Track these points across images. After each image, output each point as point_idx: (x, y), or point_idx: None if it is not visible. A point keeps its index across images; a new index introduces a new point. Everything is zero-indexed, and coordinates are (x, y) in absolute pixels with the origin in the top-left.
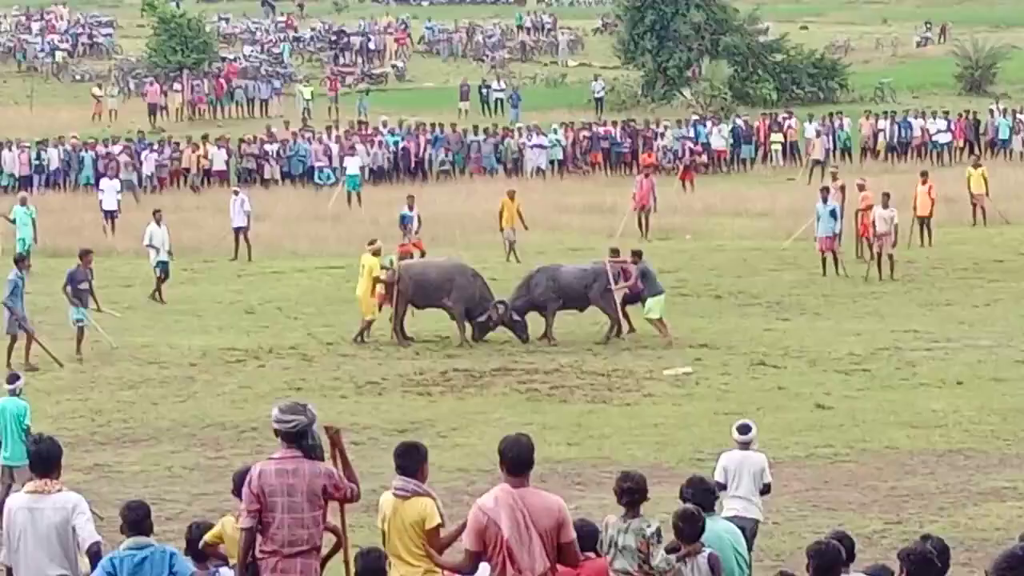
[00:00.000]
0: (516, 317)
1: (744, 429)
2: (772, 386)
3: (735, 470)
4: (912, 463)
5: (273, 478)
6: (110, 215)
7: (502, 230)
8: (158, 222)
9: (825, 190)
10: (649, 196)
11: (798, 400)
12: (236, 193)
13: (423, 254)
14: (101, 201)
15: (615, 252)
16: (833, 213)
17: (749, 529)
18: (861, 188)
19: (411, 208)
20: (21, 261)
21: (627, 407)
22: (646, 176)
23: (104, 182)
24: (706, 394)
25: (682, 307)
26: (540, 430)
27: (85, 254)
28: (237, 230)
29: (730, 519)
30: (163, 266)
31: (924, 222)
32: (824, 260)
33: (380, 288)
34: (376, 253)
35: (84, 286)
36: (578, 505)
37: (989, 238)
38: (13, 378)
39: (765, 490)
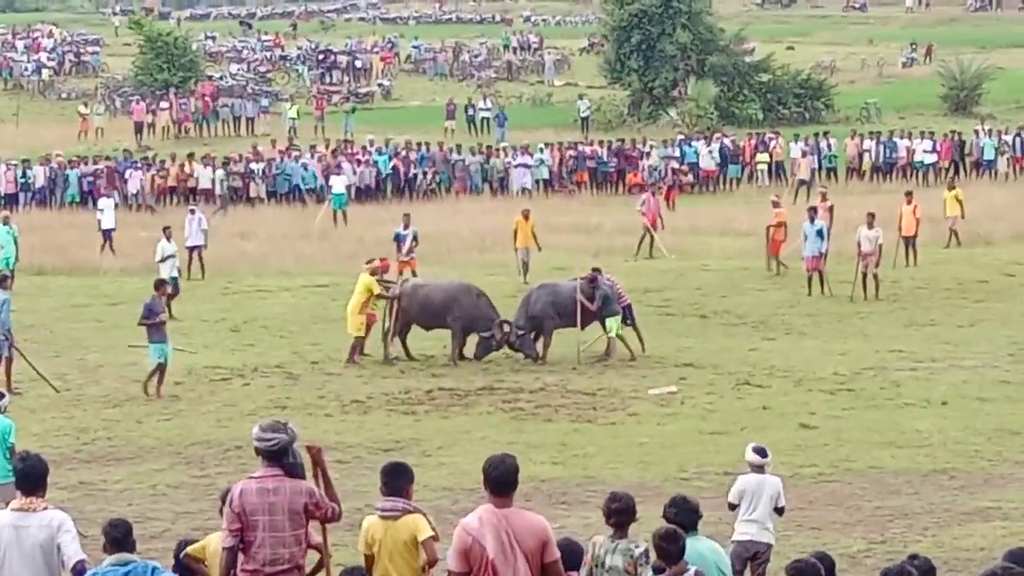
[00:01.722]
0: (520, 333)
1: (762, 452)
2: (757, 405)
3: (754, 493)
4: (896, 483)
5: (254, 497)
6: (108, 233)
7: (516, 250)
8: (168, 238)
9: (812, 210)
10: (657, 214)
11: (783, 420)
12: (192, 212)
13: (414, 274)
14: (100, 220)
15: (597, 271)
16: (820, 233)
17: (763, 553)
18: (775, 205)
19: (406, 227)
20: (4, 280)
21: (612, 426)
22: (652, 194)
23: (103, 201)
24: (691, 413)
25: (667, 326)
26: (525, 449)
27: (161, 284)
28: (191, 249)
29: (744, 543)
30: (173, 281)
31: (909, 242)
32: (810, 280)
33: (374, 305)
34: (374, 272)
35: (163, 318)
36: (562, 524)
37: (973, 258)
38: None
39: (779, 512)
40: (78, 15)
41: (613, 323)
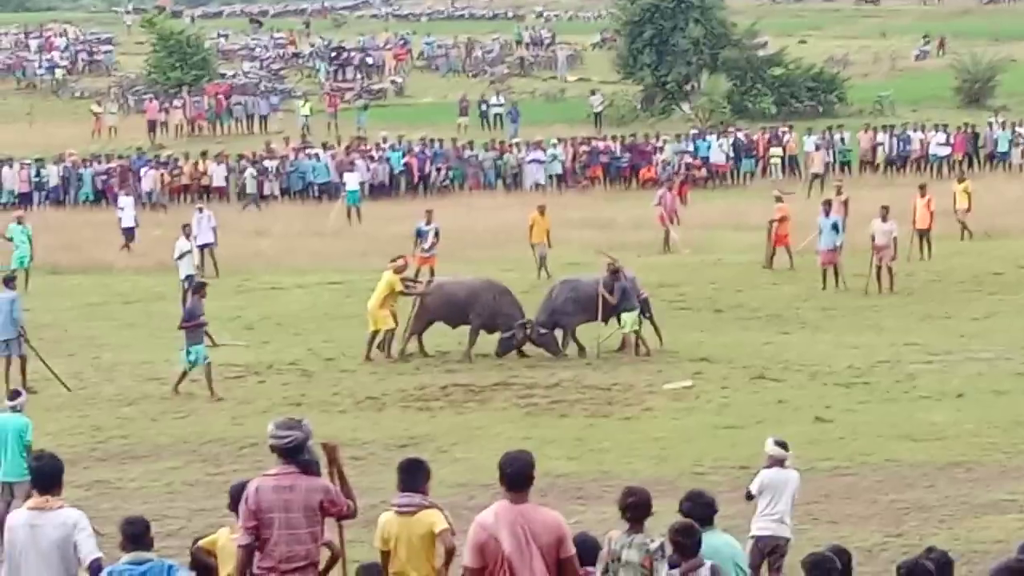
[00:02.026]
0: (543, 331)
1: (784, 446)
2: (772, 399)
3: (778, 488)
4: (912, 476)
5: (270, 494)
6: (129, 232)
7: (533, 246)
8: (187, 236)
9: (827, 203)
10: (674, 209)
11: (798, 413)
12: (200, 210)
13: (432, 271)
14: (120, 219)
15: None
16: (835, 226)
17: (781, 547)
18: (778, 200)
19: (428, 222)
20: (10, 281)
21: (627, 421)
22: (669, 189)
23: (122, 199)
24: (706, 408)
25: (682, 321)
26: (540, 444)
27: (201, 287)
28: (202, 247)
29: (765, 538)
30: (189, 279)
31: (924, 235)
32: (825, 273)
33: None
34: (399, 270)
35: (203, 320)
36: (578, 520)
37: (988, 251)
38: (15, 394)
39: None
40: (90, 13)
41: (629, 318)
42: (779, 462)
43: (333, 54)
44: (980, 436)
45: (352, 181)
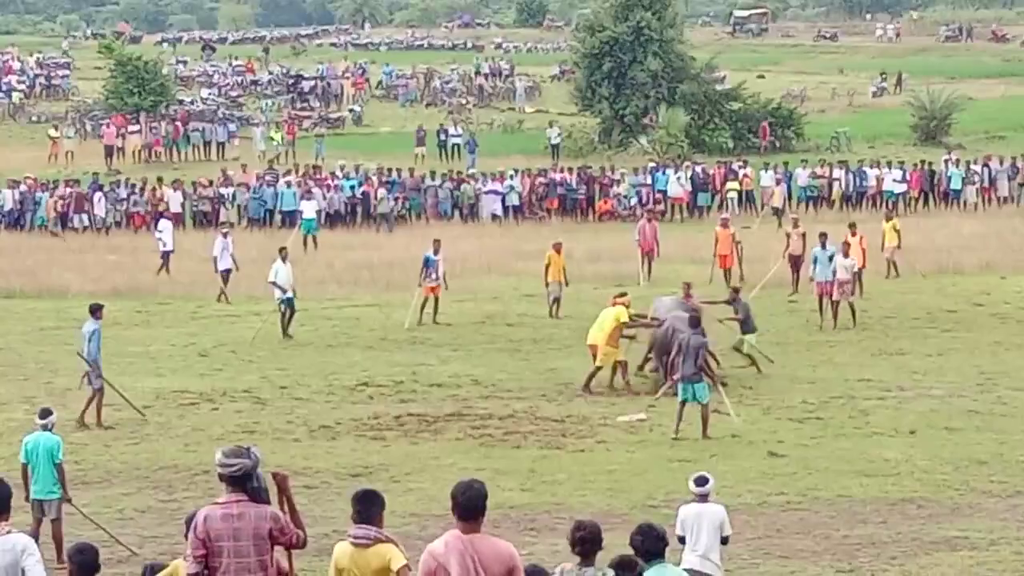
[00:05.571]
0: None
1: (701, 481)
2: (725, 433)
3: (693, 523)
4: (865, 512)
5: (219, 523)
6: (168, 255)
7: (547, 284)
8: (283, 259)
9: (824, 235)
10: (653, 241)
11: (751, 448)
12: (225, 235)
13: (437, 298)
14: (161, 242)
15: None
16: (831, 258)
17: None
18: (725, 225)
19: (436, 252)
20: (98, 311)
21: (580, 453)
22: (649, 221)
23: (162, 223)
24: (659, 441)
25: (636, 354)
26: (493, 475)
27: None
28: (226, 272)
29: (692, 572)
30: (289, 302)
31: (858, 273)
32: (823, 305)
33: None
34: (628, 305)
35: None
36: (531, 551)
37: (943, 288)
38: (45, 413)
39: (724, 541)
40: (48, 38)
41: (749, 338)
42: (701, 498)
43: (291, 82)
44: (932, 473)
45: (309, 209)
